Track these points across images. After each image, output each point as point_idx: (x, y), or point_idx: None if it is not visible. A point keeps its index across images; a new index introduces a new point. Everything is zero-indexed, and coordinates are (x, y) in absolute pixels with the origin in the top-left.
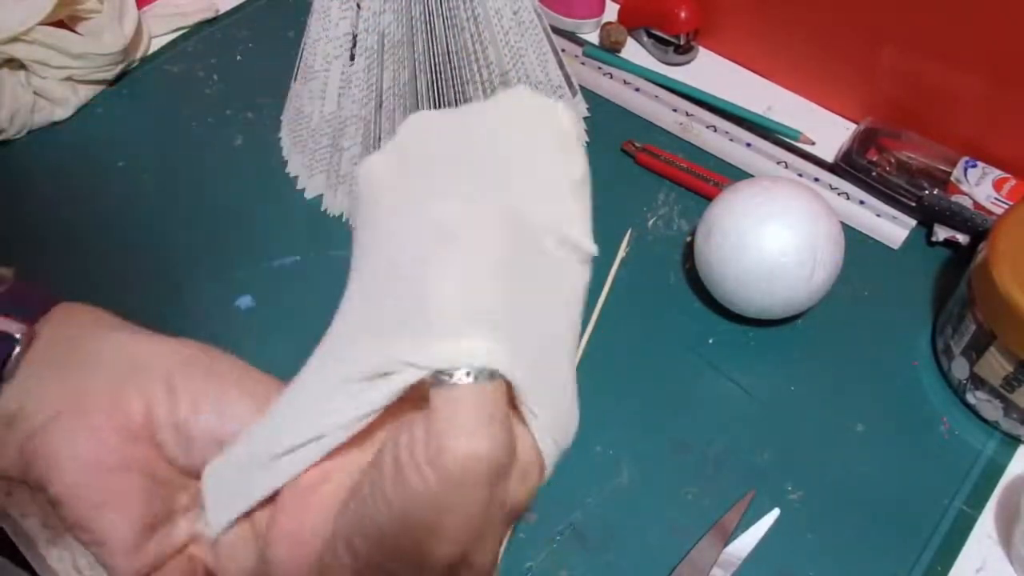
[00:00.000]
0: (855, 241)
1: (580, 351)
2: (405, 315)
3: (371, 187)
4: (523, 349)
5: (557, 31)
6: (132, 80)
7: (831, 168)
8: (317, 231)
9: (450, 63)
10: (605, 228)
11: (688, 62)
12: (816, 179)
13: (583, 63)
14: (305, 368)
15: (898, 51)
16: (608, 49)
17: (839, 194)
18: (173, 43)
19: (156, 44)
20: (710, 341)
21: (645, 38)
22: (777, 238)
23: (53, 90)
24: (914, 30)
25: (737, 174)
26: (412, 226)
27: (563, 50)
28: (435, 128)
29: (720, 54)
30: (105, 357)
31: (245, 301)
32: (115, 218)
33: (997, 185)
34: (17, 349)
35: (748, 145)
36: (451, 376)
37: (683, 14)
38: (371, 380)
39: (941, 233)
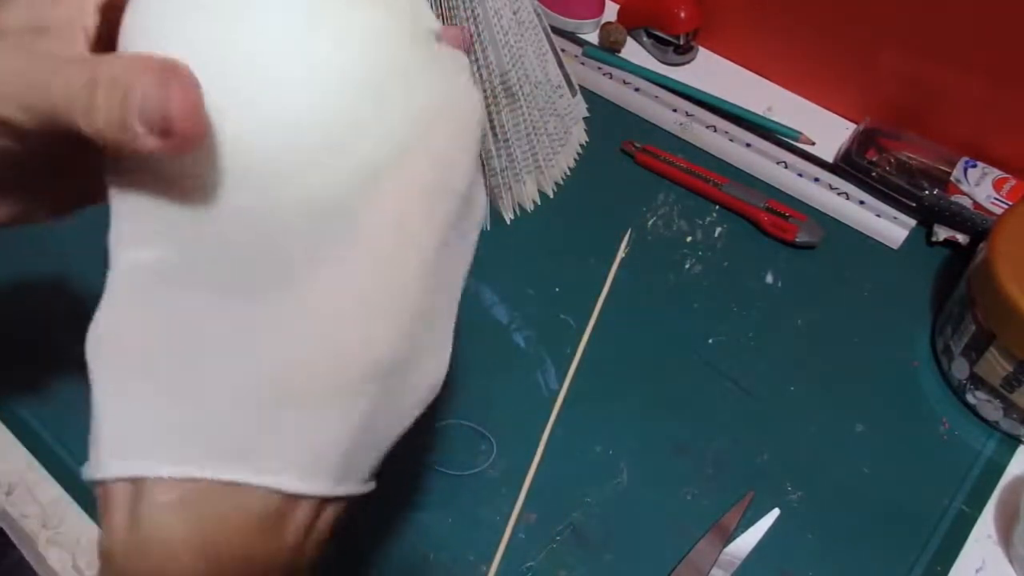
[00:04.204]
0: (855, 241)
1: (579, 351)
2: None
3: None
4: None
5: (557, 31)
6: None
7: (831, 168)
8: None
9: None
10: (605, 228)
11: (688, 62)
12: (816, 179)
13: (583, 63)
14: None
15: (898, 51)
16: (608, 49)
17: (839, 194)
18: None
19: None
20: (710, 341)
21: (645, 38)
22: None
23: None
24: (914, 30)
25: (737, 174)
26: None
27: (563, 50)
28: None
29: (720, 54)
30: None
31: None
32: None
33: (997, 185)
34: None
35: (748, 145)
36: None
37: (683, 14)
38: None
39: (941, 233)
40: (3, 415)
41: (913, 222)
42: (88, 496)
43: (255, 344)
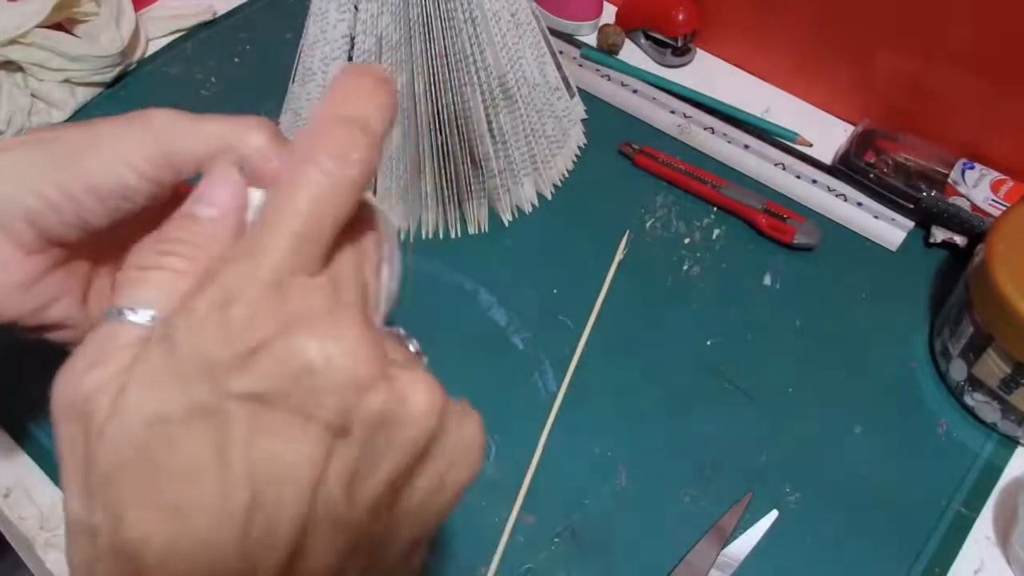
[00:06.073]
0: (853, 243)
1: (577, 353)
2: None
3: None
4: None
5: (555, 33)
6: (130, 82)
7: (829, 170)
8: None
9: (447, 65)
10: (603, 230)
11: (686, 64)
12: (814, 181)
13: (581, 65)
14: None
15: (896, 53)
16: (606, 51)
17: (837, 196)
18: (171, 45)
19: (154, 46)
20: (708, 343)
21: (643, 40)
22: None
23: (51, 92)
24: (912, 32)
25: (735, 176)
26: None
27: (561, 52)
28: None
29: (718, 56)
30: None
31: None
32: None
33: (994, 187)
34: None
35: (746, 147)
36: None
37: (681, 16)
38: None
39: (939, 235)
40: (0, 418)
41: (911, 224)
42: None
43: None
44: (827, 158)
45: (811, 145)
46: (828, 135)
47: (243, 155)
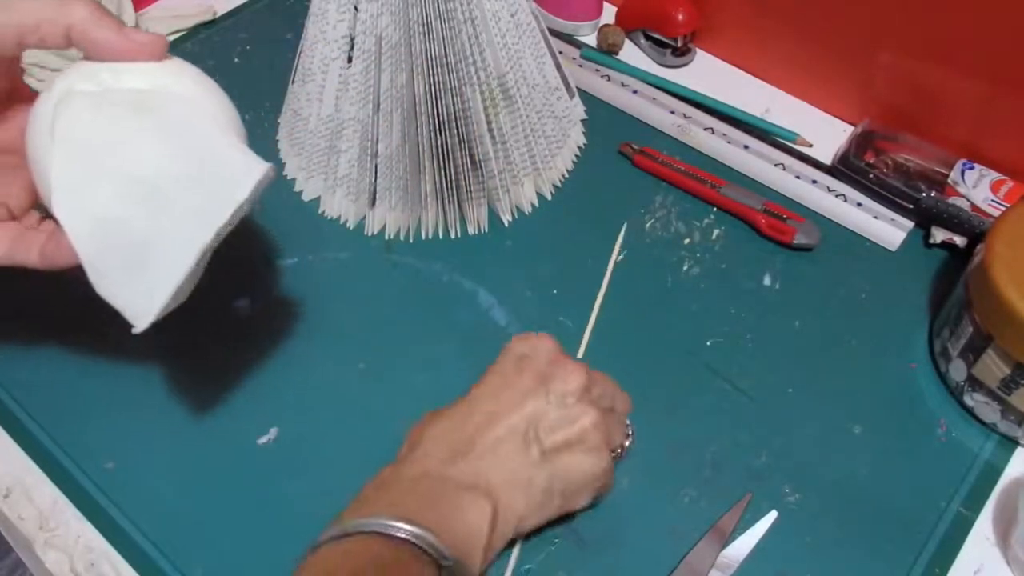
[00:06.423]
0: (852, 243)
1: (578, 353)
2: None
3: None
4: None
5: (555, 33)
6: None
7: (828, 170)
8: (315, 233)
9: (447, 66)
10: (603, 230)
11: (685, 64)
12: (814, 181)
13: (581, 65)
14: None
15: (895, 53)
16: (606, 51)
17: (836, 196)
18: (171, 45)
19: None
20: (708, 343)
21: (643, 40)
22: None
23: None
24: (911, 32)
25: (735, 176)
26: None
27: (560, 52)
28: None
29: (718, 56)
30: None
31: (243, 302)
32: None
33: (994, 187)
34: None
35: (746, 147)
36: None
37: (680, 16)
38: None
39: (938, 235)
40: (0, 417)
41: (911, 224)
42: (85, 498)
43: None
44: (827, 158)
45: (811, 145)
46: (828, 135)
47: (67, 26)
